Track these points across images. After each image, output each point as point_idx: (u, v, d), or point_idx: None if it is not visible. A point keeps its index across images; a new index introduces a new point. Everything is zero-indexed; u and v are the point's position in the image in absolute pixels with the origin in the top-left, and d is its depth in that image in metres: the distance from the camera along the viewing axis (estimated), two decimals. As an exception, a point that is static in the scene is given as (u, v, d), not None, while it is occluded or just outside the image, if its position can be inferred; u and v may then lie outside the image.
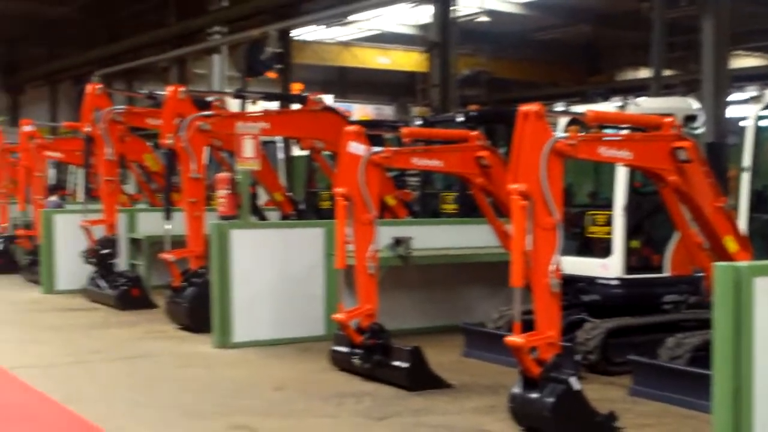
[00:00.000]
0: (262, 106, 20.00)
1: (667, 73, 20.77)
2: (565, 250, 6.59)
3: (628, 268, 8.45)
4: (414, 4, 23.30)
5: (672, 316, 8.59)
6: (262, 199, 14.59)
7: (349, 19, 29.58)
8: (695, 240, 7.49)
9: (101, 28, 33.68)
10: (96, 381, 8.32)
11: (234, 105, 15.24)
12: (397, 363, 7.91)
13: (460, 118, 12.50)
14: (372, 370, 8.03)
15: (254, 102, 20.90)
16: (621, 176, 8.36)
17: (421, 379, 7.82)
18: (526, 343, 6.17)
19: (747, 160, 7.92)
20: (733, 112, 15.14)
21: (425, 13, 23.11)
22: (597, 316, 8.51)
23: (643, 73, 28.22)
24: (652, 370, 7.48)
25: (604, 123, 7.44)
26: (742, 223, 7.73)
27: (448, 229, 11.10)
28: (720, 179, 7.83)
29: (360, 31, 33.41)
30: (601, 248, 8.63)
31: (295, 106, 12.41)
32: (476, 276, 10.85)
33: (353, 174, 7.88)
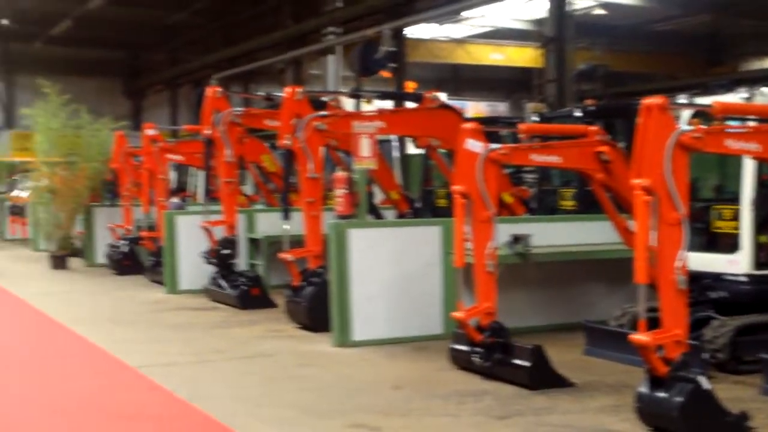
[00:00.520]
0: (376, 105, 20.14)
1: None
2: (690, 246, 6.39)
3: (757, 264, 8.16)
4: (528, -1, 23.11)
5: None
6: (378, 197, 14.62)
7: (463, 15, 29.49)
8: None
9: (218, 33, 34.39)
10: (219, 379, 8.45)
11: (349, 105, 15.35)
12: (518, 361, 7.81)
13: (578, 114, 12.31)
14: (492, 369, 7.95)
15: (369, 101, 21.06)
16: (749, 169, 8.08)
17: (543, 377, 7.71)
18: (653, 342, 6.02)
19: None
20: None
21: (540, 8, 22.88)
22: (724, 313, 8.24)
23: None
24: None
25: (732, 114, 7.20)
26: None
27: (567, 226, 10.94)
28: None
29: (473, 28, 33.29)
30: (728, 244, 8.36)
31: (411, 105, 12.41)
32: (596, 273, 10.67)
33: (471, 172, 7.82)
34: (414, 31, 29.88)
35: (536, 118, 13.76)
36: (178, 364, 9.16)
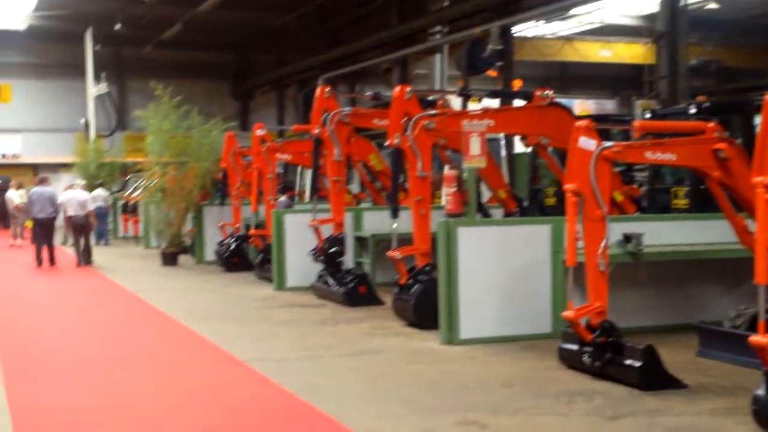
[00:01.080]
0: (482, 104, 20.08)
1: None
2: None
3: None
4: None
5: None
6: (486, 196, 14.56)
7: (570, 12, 29.18)
8: None
9: (324, 34, 34.70)
10: (328, 375, 8.52)
11: (456, 104, 15.31)
12: (629, 361, 7.68)
13: (693, 110, 12.05)
14: (602, 369, 7.84)
15: (476, 100, 21.01)
16: None
17: (655, 378, 7.56)
18: (773, 344, 5.86)
19: None
20: None
21: (650, 3, 22.49)
22: None
23: None
24: None
25: None
26: None
27: (679, 225, 10.69)
28: None
29: (580, 25, 32.91)
30: None
31: (519, 103, 12.33)
32: (709, 273, 10.42)
33: (583, 170, 7.71)
34: (520, 29, 29.71)
35: (648, 115, 13.51)
36: (289, 359, 9.27)
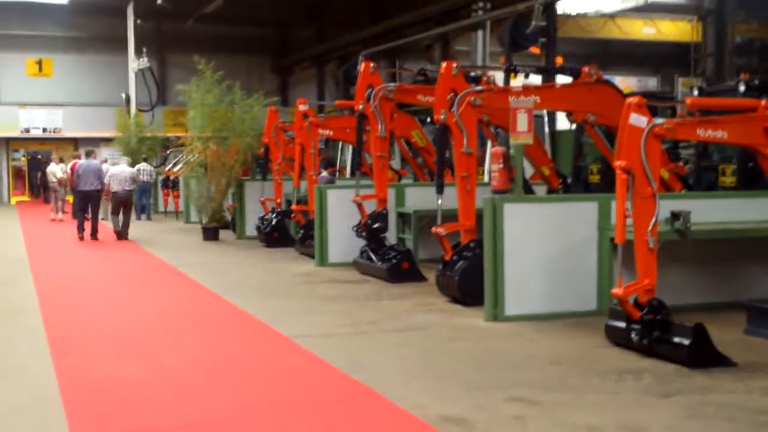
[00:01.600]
0: (522, 80, 19.95)
1: None
2: None
3: None
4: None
5: None
6: (528, 173, 14.47)
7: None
8: None
9: (365, 9, 34.57)
10: (374, 351, 8.52)
11: (499, 81, 15.18)
12: (678, 340, 7.62)
13: (742, 88, 11.88)
14: (651, 347, 7.79)
15: (515, 77, 20.86)
16: None
17: (704, 356, 7.51)
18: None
19: None
20: None
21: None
22: None
23: None
24: None
25: None
26: None
27: (727, 203, 10.57)
28: None
29: (624, 2, 32.56)
30: None
31: (564, 79, 12.20)
32: (756, 252, 10.31)
33: (634, 147, 7.63)
34: (564, 6, 29.45)
35: (696, 93, 13.35)
36: (333, 335, 9.29)
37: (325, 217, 14.72)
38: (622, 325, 8.09)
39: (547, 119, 17.57)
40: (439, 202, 11.04)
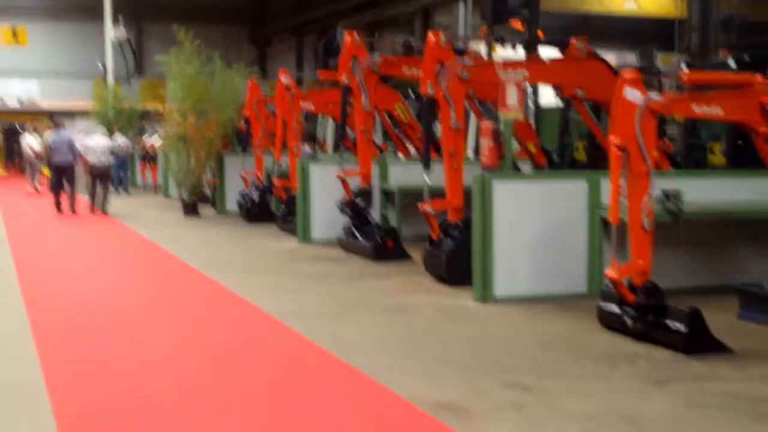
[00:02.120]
0: (501, 54, 19.77)
1: None
2: None
3: None
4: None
5: None
6: (513, 149, 14.27)
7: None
8: None
9: (345, -20, 34.17)
10: (362, 331, 8.34)
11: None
12: (673, 325, 7.46)
13: (732, 64, 11.73)
14: (645, 331, 7.64)
15: (494, 49, 20.70)
16: None
17: (700, 342, 7.34)
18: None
19: None
20: None
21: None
22: None
23: None
24: None
25: None
26: None
27: (717, 183, 10.40)
28: None
29: (605, -24, 32.36)
30: None
31: (549, 53, 12.01)
32: (749, 234, 10.16)
33: (629, 122, 7.44)
34: (545, -21, 29.14)
35: (684, 69, 13.18)
36: (319, 314, 9.10)
37: (308, 193, 14.49)
38: (615, 309, 7.93)
39: (531, 94, 17.37)
40: (426, 178, 10.81)
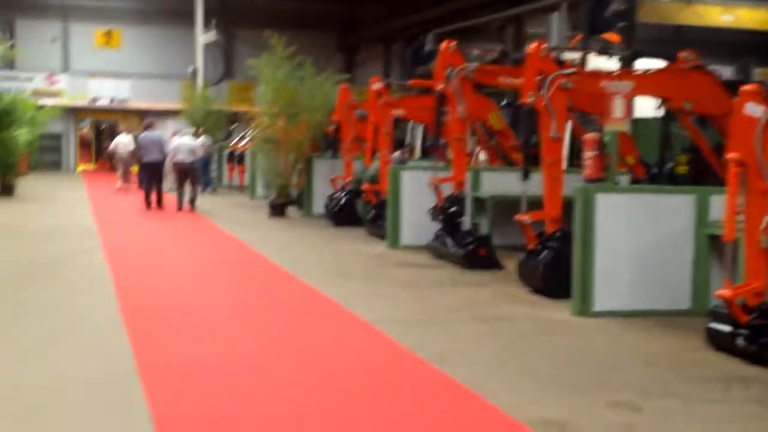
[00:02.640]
0: (593, 64, 19.41)
1: None
2: None
3: None
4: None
5: None
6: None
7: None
8: None
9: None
10: (457, 341, 8.15)
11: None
12: (789, 348, 7.14)
13: None
14: (759, 354, 7.31)
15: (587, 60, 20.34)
16: None
17: (818, 368, 7.03)
18: None
19: None
20: None
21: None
22: None
23: None
24: None
25: None
26: None
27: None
28: None
29: (703, -13, 31.73)
30: None
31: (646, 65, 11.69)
32: None
33: (748, 138, 7.15)
34: (642, -9, 28.66)
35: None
36: (413, 322, 8.93)
37: (399, 198, 14.36)
38: (727, 329, 7.61)
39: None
40: (524, 188, 10.58)
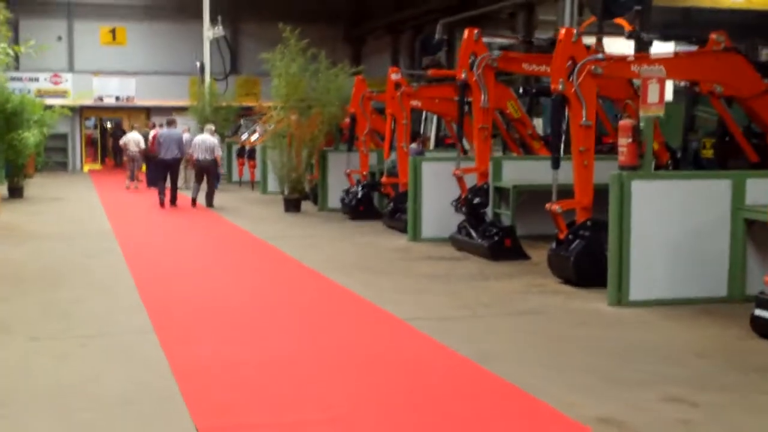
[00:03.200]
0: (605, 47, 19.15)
1: None
2: None
3: None
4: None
5: None
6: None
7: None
8: None
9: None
10: (496, 337, 7.96)
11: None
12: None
13: None
14: (809, 342, 7.15)
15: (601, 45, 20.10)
16: None
17: None
18: None
19: None
20: None
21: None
22: None
23: None
24: None
25: None
26: None
27: None
28: None
29: (712, -31, 31.43)
30: None
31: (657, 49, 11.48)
32: None
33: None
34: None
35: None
36: (449, 318, 8.74)
37: (419, 191, 14.16)
38: (773, 317, 7.44)
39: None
40: (555, 177, 10.36)
